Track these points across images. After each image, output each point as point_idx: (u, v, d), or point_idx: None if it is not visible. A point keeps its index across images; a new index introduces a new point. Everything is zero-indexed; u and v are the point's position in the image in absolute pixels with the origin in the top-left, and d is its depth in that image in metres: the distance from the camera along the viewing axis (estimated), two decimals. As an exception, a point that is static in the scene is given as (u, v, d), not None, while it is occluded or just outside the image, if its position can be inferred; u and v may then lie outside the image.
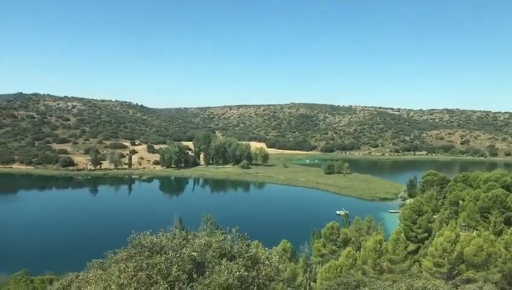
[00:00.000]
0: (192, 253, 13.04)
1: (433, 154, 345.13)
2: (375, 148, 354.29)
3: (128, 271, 11.96)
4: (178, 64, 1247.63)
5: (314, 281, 53.56)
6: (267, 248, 16.21)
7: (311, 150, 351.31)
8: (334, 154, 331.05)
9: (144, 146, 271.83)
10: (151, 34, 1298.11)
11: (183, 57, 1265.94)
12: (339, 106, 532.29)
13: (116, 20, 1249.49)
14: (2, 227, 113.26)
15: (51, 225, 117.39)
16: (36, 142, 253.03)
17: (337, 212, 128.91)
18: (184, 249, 13.27)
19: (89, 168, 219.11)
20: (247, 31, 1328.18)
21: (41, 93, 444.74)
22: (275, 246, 60.33)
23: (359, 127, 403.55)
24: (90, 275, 13.27)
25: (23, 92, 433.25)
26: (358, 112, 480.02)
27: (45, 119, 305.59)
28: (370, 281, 34.84)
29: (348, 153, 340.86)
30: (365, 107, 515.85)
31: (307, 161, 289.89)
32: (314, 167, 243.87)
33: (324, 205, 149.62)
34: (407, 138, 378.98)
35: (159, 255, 12.93)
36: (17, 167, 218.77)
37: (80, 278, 14.27)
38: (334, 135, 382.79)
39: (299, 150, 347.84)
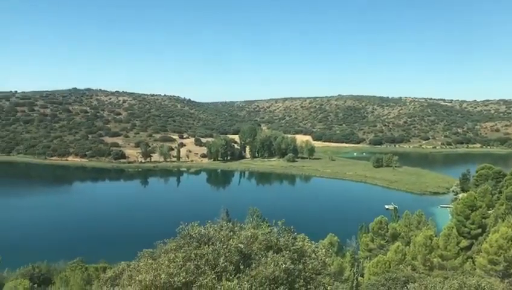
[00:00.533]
0: (239, 245, 13.18)
1: (488, 147, 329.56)
2: (426, 141, 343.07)
3: (177, 261, 12.25)
4: (223, 58, 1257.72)
5: (362, 276, 52.89)
6: (313, 241, 16.13)
7: (358, 143, 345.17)
8: (383, 147, 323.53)
9: (192, 139, 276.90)
10: (198, 31, 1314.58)
11: (228, 51, 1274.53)
12: (388, 97, 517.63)
13: (163, 17, 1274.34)
14: (59, 217, 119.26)
15: (103, 216, 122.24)
16: (90, 136, 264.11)
17: (386, 206, 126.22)
18: (231, 240, 13.43)
19: (139, 160, 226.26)
20: (292, 22, 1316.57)
21: (94, 89, 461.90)
22: (322, 239, 59.99)
23: (409, 119, 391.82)
24: (141, 264, 13.68)
25: (77, 88, 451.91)
26: (408, 104, 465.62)
27: (98, 114, 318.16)
28: (420, 277, 33.97)
29: (397, 146, 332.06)
30: (415, 98, 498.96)
31: (355, 154, 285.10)
32: (362, 160, 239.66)
33: (372, 199, 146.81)
34: (459, 130, 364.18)
35: (206, 246, 13.16)
36: (72, 160, 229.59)
37: (131, 267, 14.75)
38: (383, 128, 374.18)
39: (346, 143, 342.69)
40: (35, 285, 47.59)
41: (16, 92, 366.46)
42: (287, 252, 13.48)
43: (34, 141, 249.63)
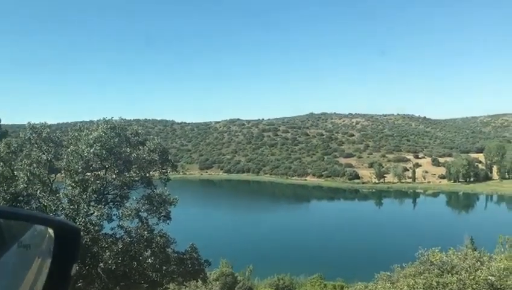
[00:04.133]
0: (489, 277, 11.79)
1: None
2: None
3: (417, 288, 11.73)
4: (461, 69, 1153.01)
5: None
6: None
7: None
8: None
9: (428, 159, 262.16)
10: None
11: (466, 59, 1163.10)
12: None
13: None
14: (300, 232, 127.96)
15: (339, 233, 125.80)
16: (325, 157, 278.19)
17: None
18: (479, 271, 12.16)
19: (373, 181, 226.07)
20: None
21: (329, 112, 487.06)
22: None
23: None
24: (379, 286, 13.60)
25: (314, 112, 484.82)
26: None
27: (332, 136, 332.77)
28: None
29: None
30: None
31: None
32: None
33: None
34: None
35: (450, 274, 12.24)
36: (310, 179, 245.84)
37: (368, 288, 14.82)
38: None
39: None
40: (280, 294, 52.04)
41: (262, 119, 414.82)
42: (554, 292, 11.40)
43: (277, 162, 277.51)
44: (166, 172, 24.06)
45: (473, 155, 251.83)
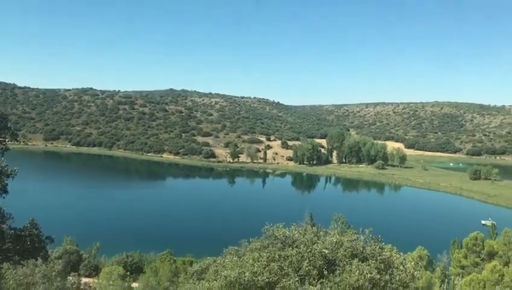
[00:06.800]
0: (324, 250, 13.05)
1: None
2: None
3: (261, 260, 12.45)
4: (313, 61, 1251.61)
5: (452, 294, 49.62)
6: (401, 253, 15.50)
7: (455, 152, 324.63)
8: (482, 158, 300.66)
9: (279, 142, 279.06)
10: (287, 34, 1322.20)
11: (319, 53, 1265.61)
12: (489, 105, 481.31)
13: (252, 20, 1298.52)
14: (152, 210, 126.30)
15: (193, 211, 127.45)
16: (183, 135, 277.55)
17: (483, 222, 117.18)
18: (315, 245, 13.36)
19: (228, 160, 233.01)
20: (385, 24, 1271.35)
21: (189, 90, 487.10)
22: (410, 252, 57.45)
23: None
24: (227, 260, 14.09)
25: (174, 88, 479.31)
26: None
27: (191, 114, 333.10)
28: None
29: (498, 157, 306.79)
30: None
31: (451, 164, 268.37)
32: (457, 171, 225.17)
33: (467, 214, 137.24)
34: None
35: (290, 248, 13.22)
36: (166, 156, 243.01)
37: (217, 262, 15.28)
38: (483, 138, 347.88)
39: (441, 152, 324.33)
40: (128, 272, 50.83)
41: (118, 91, 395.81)
42: (373, 261, 13.11)
43: (133, 137, 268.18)
44: (4, 141, 21.35)
45: (317, 140, 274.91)
